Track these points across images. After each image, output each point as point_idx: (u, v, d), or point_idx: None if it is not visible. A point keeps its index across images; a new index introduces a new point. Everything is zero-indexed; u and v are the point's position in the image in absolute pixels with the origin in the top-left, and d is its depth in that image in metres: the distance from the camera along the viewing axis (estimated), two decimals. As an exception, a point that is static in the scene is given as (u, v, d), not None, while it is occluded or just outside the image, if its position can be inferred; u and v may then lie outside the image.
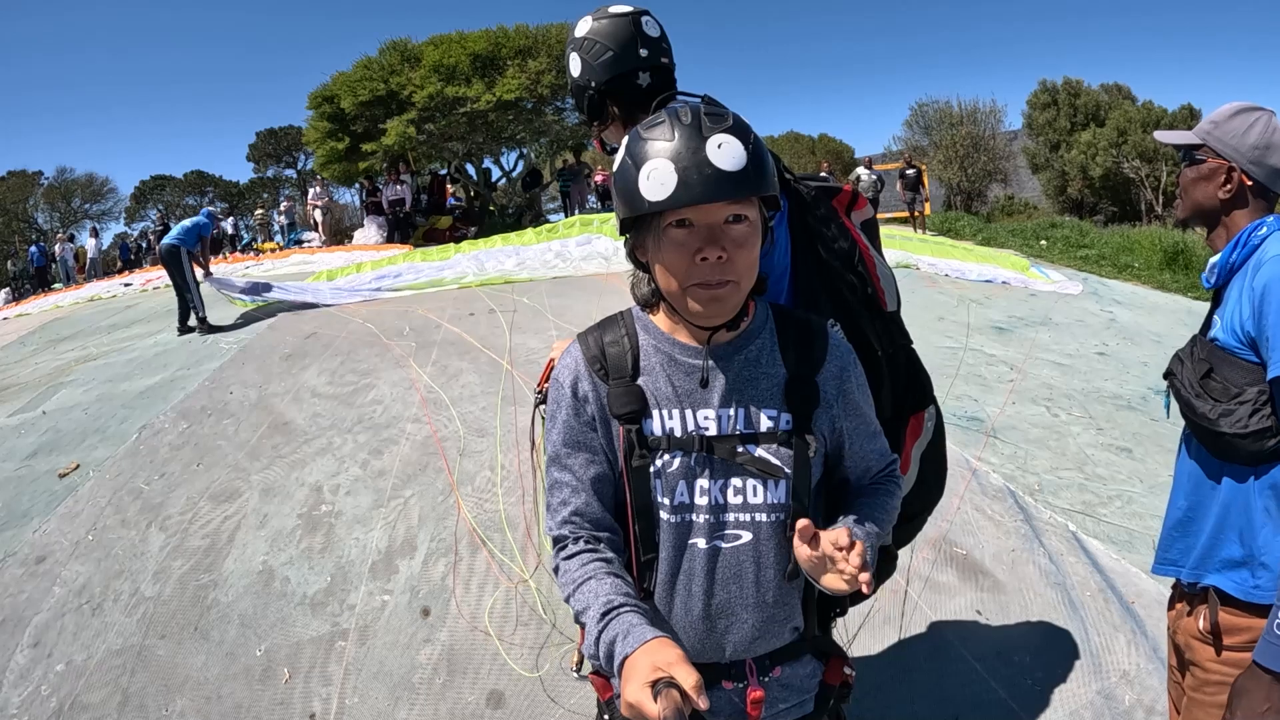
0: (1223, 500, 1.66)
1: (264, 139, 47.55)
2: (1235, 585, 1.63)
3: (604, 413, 1.32)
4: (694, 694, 0.99)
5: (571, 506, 1.31)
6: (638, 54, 1.85)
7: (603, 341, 1.36)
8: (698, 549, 1.29)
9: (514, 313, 7.61)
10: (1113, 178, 26.39)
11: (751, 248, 1.21)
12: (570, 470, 1.33)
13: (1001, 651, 3.05)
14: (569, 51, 1.92)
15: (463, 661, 3.16)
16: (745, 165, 1.17)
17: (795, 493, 1.28)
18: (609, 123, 1.93)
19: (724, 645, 1.32)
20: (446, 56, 17.27)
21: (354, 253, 14.85)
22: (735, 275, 1.20)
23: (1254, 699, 1.51)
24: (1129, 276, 12.21)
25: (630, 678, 1.05)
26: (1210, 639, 1.68)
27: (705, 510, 1.28)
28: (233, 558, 3.93)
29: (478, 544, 3.86)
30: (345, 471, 4.67)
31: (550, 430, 1.37)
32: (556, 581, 1.31)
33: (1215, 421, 1.60)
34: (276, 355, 6.92)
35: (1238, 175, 1.68)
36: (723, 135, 1.17)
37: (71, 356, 8.48)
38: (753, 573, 1.30)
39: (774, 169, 1.24)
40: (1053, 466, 4.75)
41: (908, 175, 18.35)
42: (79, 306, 12.60)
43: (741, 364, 1.30)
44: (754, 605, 1.31)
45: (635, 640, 1.10)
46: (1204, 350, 1.68)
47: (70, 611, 3.64)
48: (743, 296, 1.24)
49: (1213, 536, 1.68)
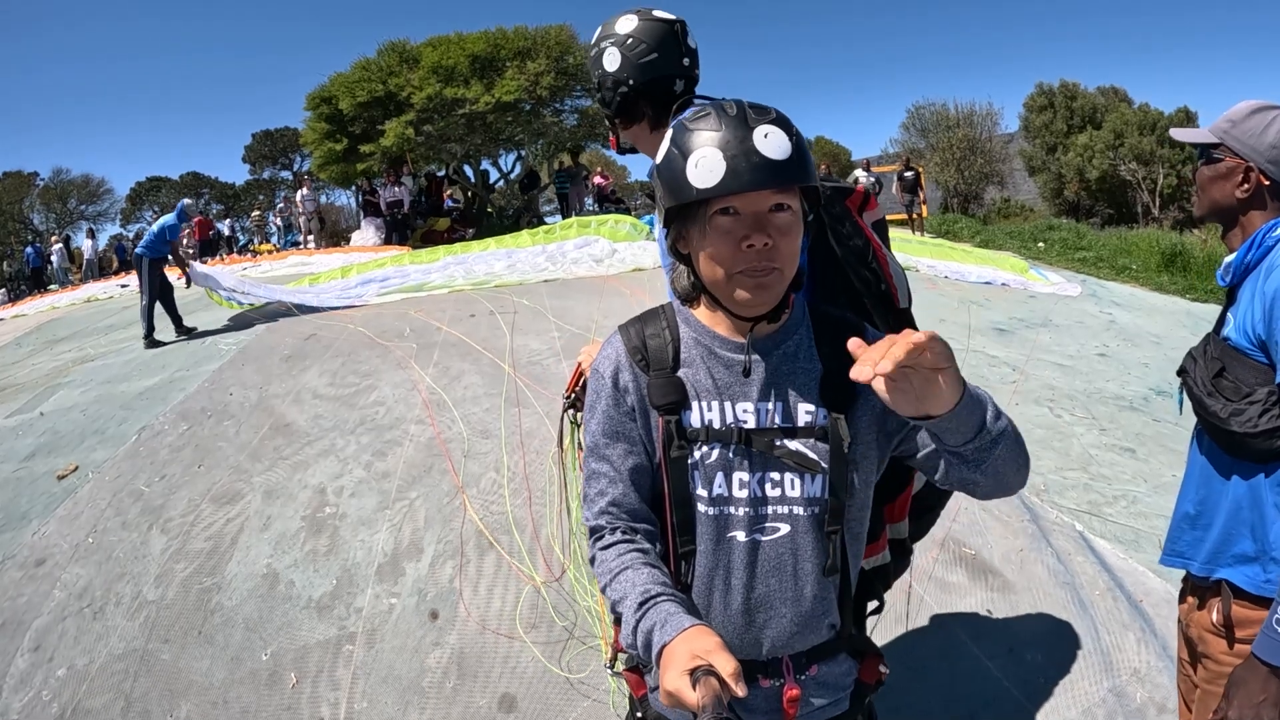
0: (1235, 496, 1.67)
1: (260, 140, 47.44)
2: (1247, 579, 1.65)
3: (644, 403, 1.32)
4: (732, 681, 0.99)
5: (609, 497, 1.32)
6: (680, 61, 1.89)
7: (644, 333, 1.37)
8: (737, 542, 1.29)
9: (515, 314, 7.59)
10: (1109, 180, 26.44)
11: (795, 236, 1.23)
12: (608, 461, 1.33)
13: (1013, 649, 3.05)
14: (605, 45, 1.91)
15: (473, 665, 3.14)
16: (791, 154, 1.19)
17: (833, 488, 1.27)
18: (636, 122, 1.94)
19: (761, 640, 1.31)
20: (445, 58, 17.28)
21: (351, 255, 14.81)
22: (780, 262, 1.22)
23: (1250, 689, 1.54)
24: (1127, 278, 12.24)
25: (669, 666, 1.05)
26: (1223, 632, 1.70)
27: (744, 503, 1.28)
28: (236, 560, 3.91)
29: (485, 546, 3.83)
30: (349, 473, 4.65)
31: (589, 421, 1.37)
32: (593, 571, 1.31)
33: (1226, 420, 1.62)
34: (276, 356, 6.89)
35: (1255, 175, 1.68)
36: (769, 126, 1.20)
37: (69, 357, 8.44)
38: (791, 566, 1.29)
39: (814, 163, 1.25)
40: (1057, 467, 4.75)
41: (906, 177, 18.37)
42: (76, 307, 12.57)
43: (780, 358, 1.31)
44: (793, 599, 1.30)
45: (673, 628, 1.10)
46: (1217, 349, 1.69)
47: (71, 615, 3.61)
48: (785, 284, 1.26)
49: (1225, 531, 1.69)
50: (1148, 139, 25.62)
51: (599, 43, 1.93)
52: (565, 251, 10.92)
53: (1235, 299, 1.69)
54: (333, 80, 18.83)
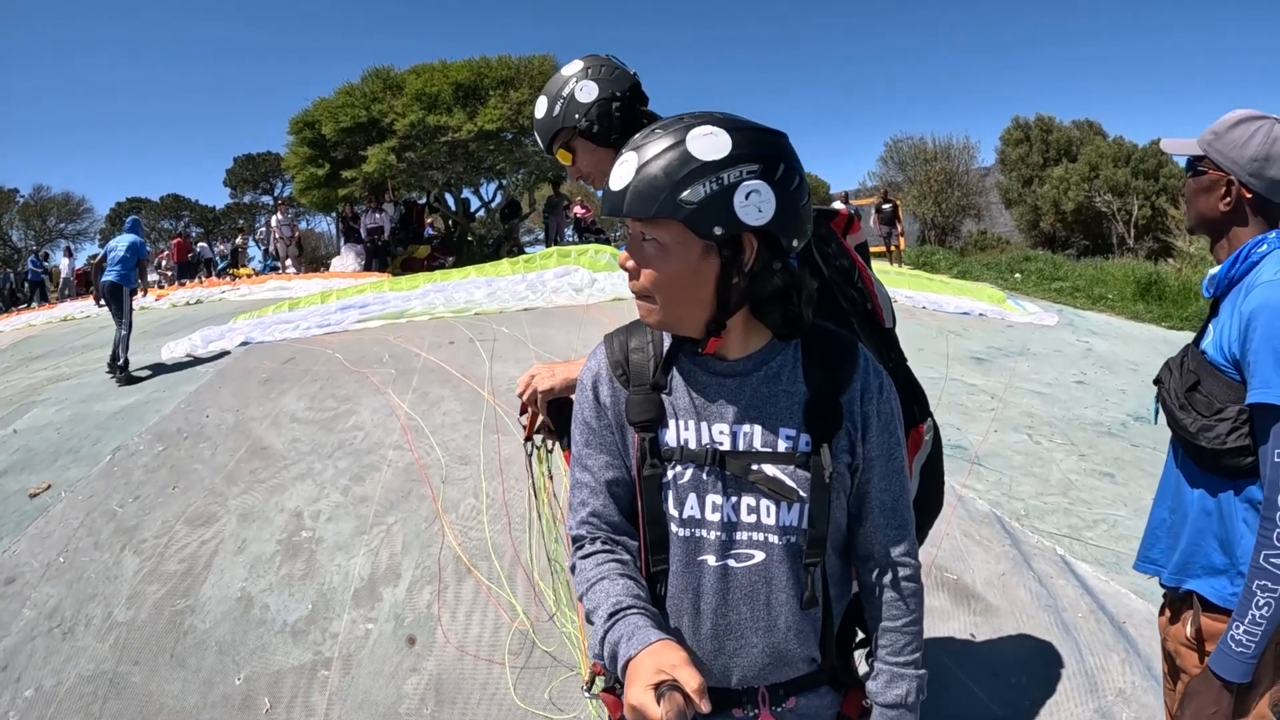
0: (1204, 507, 1.69)
1: (241, 164, 47.37)
2: (1214, 591, 1.67)
3: (621, 419, 1.31)
4: (696, 697, 0.99)
5: (590, 508, 1.32)
6: (629, 73, 1.94)
7: (628, 346, 1.35)
8: (707, 566, 1.26)
9: (494, 342, 7.56)
10: (1085, 212, 26.89)
11: (664, 267, 1.18)
12: (590, 471, 1.33)
13: (998, 673, 3.04)
14: (574, 84, 1.92)
15: (451, 691, 3.08)
16: (626, 185, 1.16)
17: (811, 518, 1.24)
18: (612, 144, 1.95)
19: (731, 669, 1.29)
20: (429, 85, 17.32)
21: (331, 280, 14.74)
22: (650, 289, 1.20)
23: (1203, 701, 1.57)
24: (1104, 308, 12.40)
25: (634, 679, 1.04)
26: (1195, 645, 1.71)
27: (716, 527, 1.25)
28: (210, 583, 3.83)
29: (464, 572, 3.78)
30: (326, 497, 4.58)
31: (574, 429, 1.37)
32: (573, 580, 1.30)
33: (1195, 435, 1.64)
34: (254, 380, 6.81)
35: (1236, 188, 1.68)
36: (629, 154, 1.18)
37: (44, 375, 8.30)
38: (765, 595, 1.26)
39: (673, 194, 1.14)
40: (1037, 492, 4.77)
41: (884, 210, 18.61)
42: (52, 326, 12.40)
43: (761, 379, 1.27)
44: (764, 629, 1.27)
45: (639, 642, 1.09)
46: (1193, 361, 1.71)
47: (40, 635, 3.51)
48: (671, 312, 1.22)
49: (1194, 541, 1.71)
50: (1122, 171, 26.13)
51: (559, 92, 1.92)
52: (545, 280, 10.92)
53: (1218, 311, 1.71)
54: (316, 105, 18.81)
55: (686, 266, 1.17)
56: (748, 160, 1.13)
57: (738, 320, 1.24)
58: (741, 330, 1.26)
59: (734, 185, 1.12)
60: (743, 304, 1.22)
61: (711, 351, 1.26)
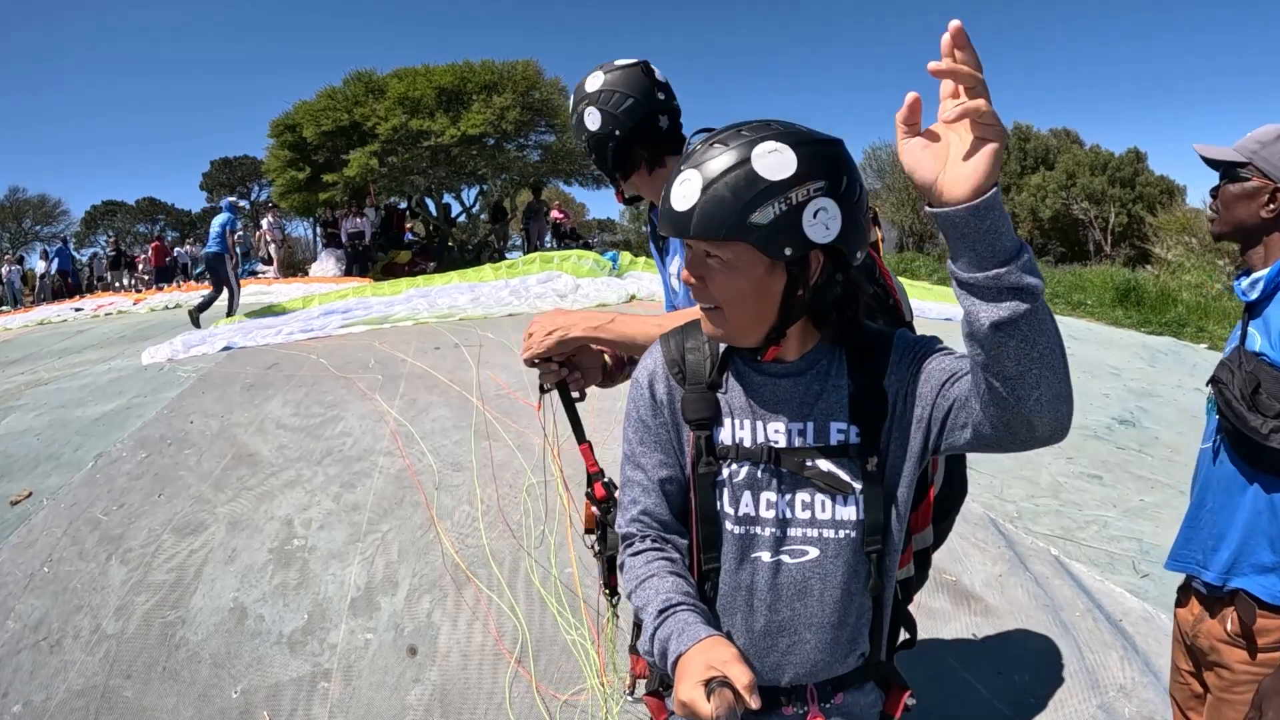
0: (1255, 508, 1.71)
1: (219, 168, 46.79)
2: (1264, 590, 1.69)
3: (676, 417, 1.31)
4: (747, 693, 0.98)
5: (641, 506, 1.31)
6: (656, 97, 1.92)
7: (684, 346, 1.35)
8: (761, 563, 1.26)
9: (480, 348, 7.52)
10: (1062, 219, 27.27)
11: (732, 281, 1.18)
12: (643, 469, 1.32)
13: (1001, 672, 3.07)
14: (582, 109, 1.93)
15: (456, 702, 3.04)
16: (692, 206, 1.14)
17: (867, 509, 1.25)
18: (635, 171, 1.95)
19: (784, 667, 1.29)
20: (411, 89, 17.27)
21: (311, 285, 14.61)
22: (719, 300, 1.21)
23: None
24: (1083, 313, 12.55)
25: (684, 676, 1.04)
26: (1240, 641, 1.73)
27: (771, 524, 1.26)
28: (201, 594, 3.75)
29: (463, 580, 3.74)
30: (317, 505, 4.52)
31: (626, 428, 1.37)
32: (622, 578, 1.30)
33: (1266, 436, 1.64)
34: (238, 385, 6.71)
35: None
36: (691, 172, 1.15)
37: (21, 380, 8.14)
38: (818, 591, 1.26)
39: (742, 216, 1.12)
40: (1029, 494, 4.81)
41: (864, 215, 18.68)
42: (28, 330, 12.19)
43: (812, 378, 1.28)
44: (818, 625, 1.27)
45: (689, 639, 1.09)
46: (1250, 364, 1.72)
47: (26, 648, 3.43)
48: (740, 323, 1.22)
49: (1242, 541, 1.73)
50: (1099, 179, 26.52)
51: (575, 108, 1.94)
52: (528, 286, 10.94)
53: (1257, 313, 1.74)
54: (297, 108, 18.70)
55: (753, 284, 1.18)
56: (814, 177, 1.12)
57: (795, 326, 1.25)
58: (798, 336, 1.27)
59: (802, 204, 1.12)
60: (803, 314, 1.23)
61: (770, 359, 1.27)
